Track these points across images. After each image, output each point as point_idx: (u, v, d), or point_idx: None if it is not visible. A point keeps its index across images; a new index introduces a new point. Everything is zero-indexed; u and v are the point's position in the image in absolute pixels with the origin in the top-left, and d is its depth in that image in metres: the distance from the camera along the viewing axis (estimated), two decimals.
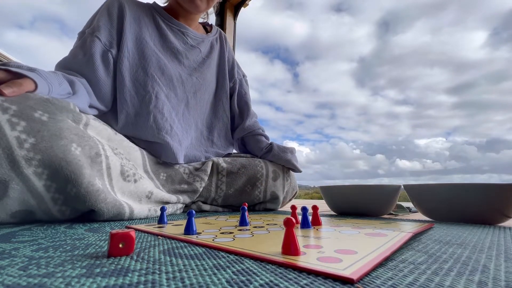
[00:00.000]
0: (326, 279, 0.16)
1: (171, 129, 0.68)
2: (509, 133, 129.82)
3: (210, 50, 0.84)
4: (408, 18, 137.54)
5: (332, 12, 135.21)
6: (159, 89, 0.69)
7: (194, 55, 0.79)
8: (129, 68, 0.67)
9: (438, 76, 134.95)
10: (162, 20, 0.75)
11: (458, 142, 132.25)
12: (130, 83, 0.67)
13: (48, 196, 0.39)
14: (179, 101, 0.74)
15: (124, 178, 0.49)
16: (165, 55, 0.73)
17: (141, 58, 0.69)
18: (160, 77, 0.70)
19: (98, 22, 0.65)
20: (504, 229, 0.40)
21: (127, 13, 0.69)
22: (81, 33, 0.65)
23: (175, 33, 0.76)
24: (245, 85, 0.94)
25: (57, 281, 0.15)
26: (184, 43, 0.77)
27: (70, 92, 0.52)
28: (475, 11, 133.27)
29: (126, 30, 0.67)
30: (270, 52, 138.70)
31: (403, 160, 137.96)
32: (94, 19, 0.66)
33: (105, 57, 0.64)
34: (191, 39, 0.79)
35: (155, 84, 0.68)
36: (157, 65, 0.70)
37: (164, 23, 0.74)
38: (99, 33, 0.64)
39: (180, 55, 0.76)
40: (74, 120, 0.44)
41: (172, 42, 0.75)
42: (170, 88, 0.72)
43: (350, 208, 0.63)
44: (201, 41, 0.81)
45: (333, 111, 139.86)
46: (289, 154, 0.78)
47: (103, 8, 0.68)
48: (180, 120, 0.73)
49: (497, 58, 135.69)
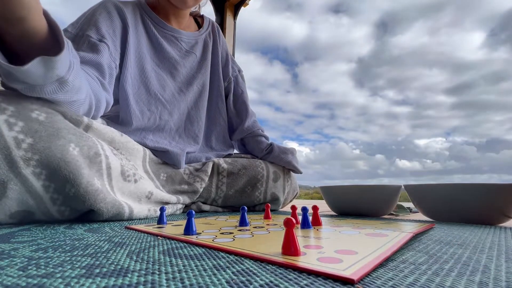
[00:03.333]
0: (326, 279, 0.16)
1: (175, 143, 0.68)
2: (509, 133, 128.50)
3: (204, 50, 0.81)
4: (406, 19, 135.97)
5: (330, 14, 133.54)
6: (162, 108, 0.68)
7: (190, 61, 0.77)
8: (132, 86, 0.64)
9: (436, 76, 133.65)
10: (154, 25, 0.71)
11: (458, 142, 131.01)
12: (134, 101, 0.64)
13: (47, 196, 0.39)
14: (181, 114, 0.74)
15: (124, 178, 0.49)
16: (163, 69, 0.71)
17: (142, 74, 0.66)
18: (162, 94, 0.69)
19: (99, 25, 0.58)
20: (505, 229, 0.40)
21: (129, 22, 0.64)
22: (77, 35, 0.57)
23: (169, 40, 0.73)
24: (241, 82, 0.89)
25: (57, 281, 0.15)
26: (179, 49, 0.74)
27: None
28: (472, 12, 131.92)
29: (130, 42, 0.63)
30: (269, 52, 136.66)
31: (403, 160, 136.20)
32: (91, 19, 0.59)
33: (111, 70, 0.58)
34: (185, 43, 0.76)
35: (158, 103, 0.67)
36: (158, 82, 0.68)
37: (156, 29, 0.71)
38: (106, 40, 0.58)
39: (178, 64, 0.73)
40: (73, 121, 0.43)
41: (168, 52, 0.72)
42: (174, 104, 0.71)
43: (351, 208, 0.62)
44: (194, 43, 0.78)
45: (332, 111, 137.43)
46: (290, 155, 0.78)
47: (102, 11, 0.61)
48: (181, 134, 0.74)
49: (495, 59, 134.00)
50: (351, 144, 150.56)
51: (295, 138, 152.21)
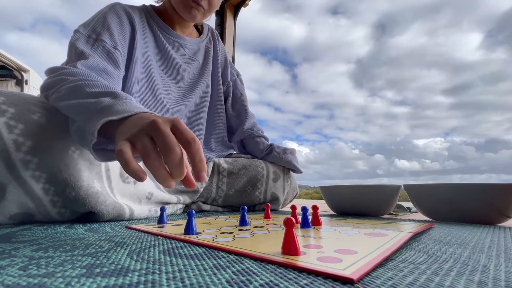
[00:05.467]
0: (326, 279, 0.16)
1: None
2: (507, 134, 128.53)
3: (205, 56, 0.82)
4: (404, 20, 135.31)
5: (329, 15, 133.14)
6: (167, 114, 0.68)
7: (193, 68, 0.77)
8: (139, 91, 0.64)
9: (435, 77, 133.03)
10: (160, 31, 0.71)
11: (457, 142, 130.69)
12: None
13: (47, 199, 0.39)
14: (182, 119, 0.73)
15: (123, 180, 0.49)
16: (168, 75, 0.71)
17: (149, 80, 0.66)
18: (167, 100, 0.69)
19: (112, 30, 0.58)
20: (504, 229, 0.40)
21: (137, 27, 0.64)
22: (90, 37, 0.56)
23: (174, 46, 0.73)
24: (240, 85, 0.90)
25: (57, 281, 0.15)
26: (183, 56, 0.75)
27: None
28: (470, 13, 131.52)
29: (138, 47, 0.63)
30: (268, 53, 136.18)
31: (402, 160, 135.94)
32: (103, 23, 0.59)
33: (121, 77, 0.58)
34: (189, 50, 0.76)
35: (164, 109, 0.67)
36: (164, 87, 0.69)
37: (162, 35, 0.71)
38: (118, 47, 0.58)
39: (182, 70, 0.74)
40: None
41: (174, 58, 0.72)
42: (177, 110, 0.71)
43: (350, 208, 0.63)
44: (197, 50, 0.79)
45: (331, 111, 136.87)
46: (290, 155, 0.78)
47: (113, 16, 0.61)
48: None
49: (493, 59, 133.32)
50: (350, 144, 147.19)
51: (295, 138, 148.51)
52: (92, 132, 0.33)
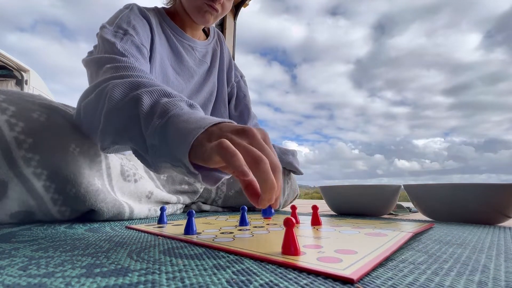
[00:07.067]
0: (326, 279, 0.16)
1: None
2: (506, 134, 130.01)
3: (213, 59, 0.82)
4: (403, 21, 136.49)
5: (328, 16, 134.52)
6: None
7: (202, 69, 0.78)
8: None
9: (434, 77, 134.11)
10: (173, 33, 0.71)
11: (456, 143, 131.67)
12: None
13: (47, 196, 0.39)
14: None
15: (124, 178, 0.49)
16: (182, 76, 0.72)
17: (166, 82, 0.67)
18: None
19: (138, 29, 0.58)
20: (504, 229, 0.40)
21: (155, 29, 0.64)
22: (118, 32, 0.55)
23: (186, 49, 0.74)
24: (244, 86, 0.91)
25: (57, 281, 0.15)
26: (194, 58, 0.76)
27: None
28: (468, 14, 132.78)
29: (156, 49, 0.64)
30: (268, 54, 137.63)
31: (402, 160, 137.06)
32: (129, 22, 0.58)
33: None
34: (199, 52, 0.77)
35: None
36: (178, 89, 0.69)
37: (175, 38, 0.71)
38: (145, 46, 0.57)
39: (194, 73, 0.75)
40: (73, 121, 0.43)
41: (187, 61, 0.73)
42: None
43: (350, 208, 0.63)
44: (206, 53, 0.80)
45: (331, 111, 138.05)
46: (291, 156, 0.78)
47: (135, 17, 0.61)
48: None
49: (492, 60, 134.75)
50: (350, 144, 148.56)
51: (295, 138, 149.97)
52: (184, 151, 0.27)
